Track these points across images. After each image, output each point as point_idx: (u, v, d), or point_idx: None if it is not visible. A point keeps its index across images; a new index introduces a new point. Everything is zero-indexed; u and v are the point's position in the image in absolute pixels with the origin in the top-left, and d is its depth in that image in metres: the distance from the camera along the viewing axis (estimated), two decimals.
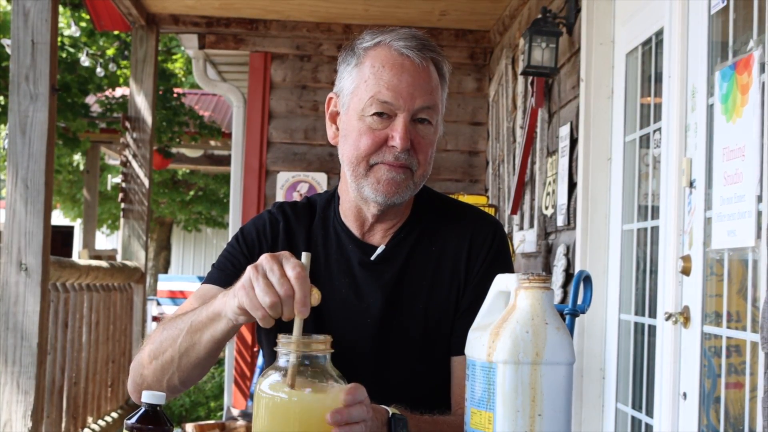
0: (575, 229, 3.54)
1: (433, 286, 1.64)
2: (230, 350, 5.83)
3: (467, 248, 1.66)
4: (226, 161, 10.87)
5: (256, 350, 5.61)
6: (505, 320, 1.16)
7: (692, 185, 2.58)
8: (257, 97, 5.67)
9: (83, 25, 8.60)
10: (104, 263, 4.93)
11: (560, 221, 3.71)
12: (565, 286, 3.67)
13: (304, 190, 5.58)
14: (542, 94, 4.09)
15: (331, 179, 5.59)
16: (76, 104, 8.61)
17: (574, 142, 3.64)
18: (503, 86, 5.03)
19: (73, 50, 8.60)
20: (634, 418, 3.19)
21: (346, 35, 5.51)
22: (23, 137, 3.68)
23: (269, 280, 1.24)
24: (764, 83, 2.09)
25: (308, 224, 1.70)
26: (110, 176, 13.95)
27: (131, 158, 5.50)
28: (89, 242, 11.22)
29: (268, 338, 1.62)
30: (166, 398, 1.24)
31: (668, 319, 2.65)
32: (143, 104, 5.50)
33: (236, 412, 5.54)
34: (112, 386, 5.15)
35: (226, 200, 13.66)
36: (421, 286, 1.64)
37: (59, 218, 16.00)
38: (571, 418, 1.16)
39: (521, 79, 4.50)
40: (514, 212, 4.55)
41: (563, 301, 3.66)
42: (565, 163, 3.69)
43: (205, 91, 9.12)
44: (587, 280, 2.42)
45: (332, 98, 1.66)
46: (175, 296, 11.73)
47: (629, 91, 3.35)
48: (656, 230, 2.94)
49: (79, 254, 11.66)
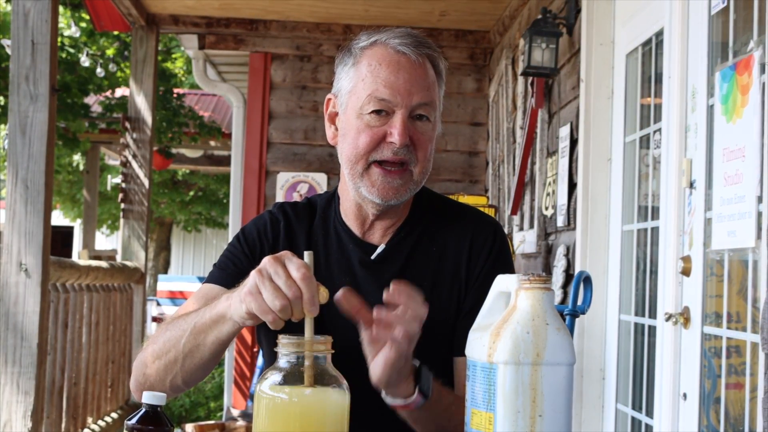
0: (575, 229, 3.54)
1: (434, 286, 1.64)
2: (230, 350, 5.82)
3: (468, 249, 1.66)
4: (226, 161, 10.87)
5: (256, 351, 5.61)
6: (505, 321, 1.16)
7: (692, 186, 2.58)
8: (257, 97, 5.67)
9: (83, 25, 8.60)
10: (104, 264, 4.93)
11: (560, 222, 3.71)
12: (565, 286, 3.67)
13: (304, 190, 5.58)
14: (542, 94, 4.09)
15: (331, 180, 5.59)
16: (76, 105, 8.62)
17: (574, 142, 3.64)
18: (503, 87, 5.03)
19: (73, 50, 8.60)
20: (634, 418, 3.19)
21: (346, 36, 5.49)
22: (23, 137, 3.68)
23: (276, 283, 1.25)
24: (764, 84, 2.09)
25: (309, 224, 1.70)
26: (110, 176, 13.96)
27: (131, 158, 5.50)
28: (89, 242, 11.23)
29: (267, 339, 1.62)
30: (167, 397, 1.25)
31: (668, 319, 2.65)
32: (143, 104, 5.50)
33: (236, 412, 5.55)
34: (112, 386, 5.15)
35: (226, 201, 13.66)
36: (421, 285, 1.64)
37: (59, 218, 16.00)
38: (571, 418, 1.16)
39: (521, 79, 4.50)
40: (514, 213, 4.55)
41: (563, 301, 3.65)
42: (565, 163, 3.69)
43: (205, 91, 9.12)
44: (587, 280, 2.42)
45: (330, 99, 1.66)
46: (174, 297, 11.74)
47: (629, 91, 3.35)
48: (656, 231, 2.94)
49: (79, 254, 11.66)
